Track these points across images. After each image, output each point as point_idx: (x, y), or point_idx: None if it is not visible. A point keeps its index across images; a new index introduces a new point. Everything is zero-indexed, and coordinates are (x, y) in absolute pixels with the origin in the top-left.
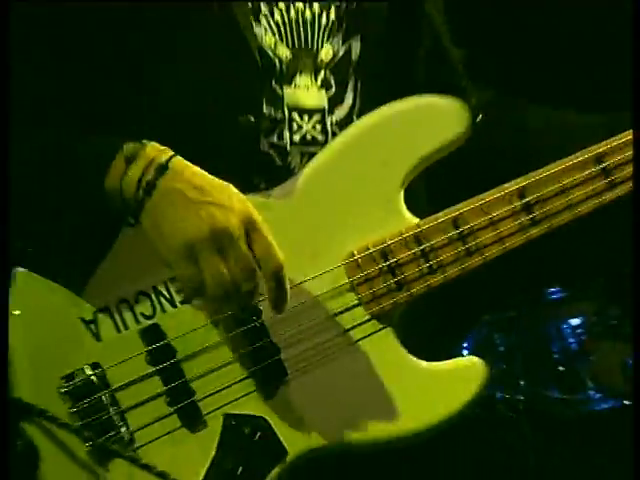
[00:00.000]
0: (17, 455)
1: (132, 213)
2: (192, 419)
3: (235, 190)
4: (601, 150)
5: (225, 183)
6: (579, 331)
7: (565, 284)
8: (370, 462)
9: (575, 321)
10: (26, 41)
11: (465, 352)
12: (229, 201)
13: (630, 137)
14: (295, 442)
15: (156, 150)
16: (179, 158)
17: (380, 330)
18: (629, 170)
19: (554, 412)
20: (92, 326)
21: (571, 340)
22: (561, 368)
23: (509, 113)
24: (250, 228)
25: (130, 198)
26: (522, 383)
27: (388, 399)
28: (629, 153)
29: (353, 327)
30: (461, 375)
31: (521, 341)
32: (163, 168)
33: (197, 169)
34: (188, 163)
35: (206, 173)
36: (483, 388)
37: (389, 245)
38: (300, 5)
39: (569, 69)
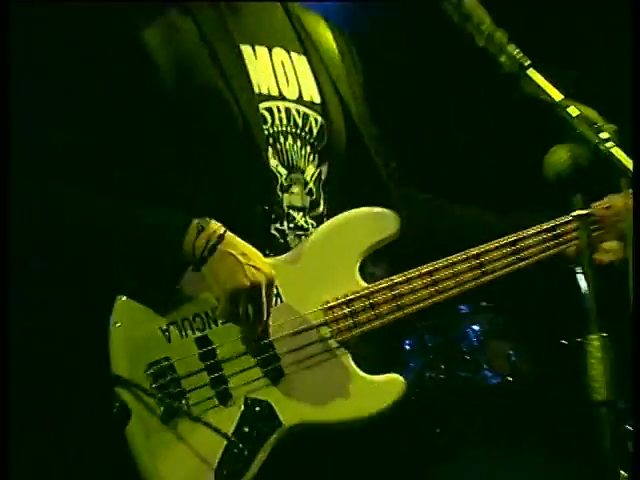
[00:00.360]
0: (114, 414)
1: (198, 264)
2: (225, 399)
3: (263, 257)
4: (477, 251)
5: (258, 252)
6: (478, 333)
7: (470, 303)
8: (335, 443)
9: (476, 327)
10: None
11: (407, 347)
12: (262, 265)
13: (500, 243)
14: (287, 417)
15: (216, 225)
16: (230, 232)
17: (343, 353)
18: (497, 264)
19: (463, 386)
20: (166, 333)
21: (473, 339)
22: (467, 357)
23: (428, 219)
24: (269, 284)
25: (198, 255)
26: (443, 367)
27: (342, 395)
28: (498, 253)
29: (326, 350)
30: (386, 386)
31: (442, 339)
32: (221, 237)
33: (241, 240)
34: (235, 236)
35: (246, 244)
36: (401, 395)
37: (350, 298)
38: (290, 142)
39: (480, 183)
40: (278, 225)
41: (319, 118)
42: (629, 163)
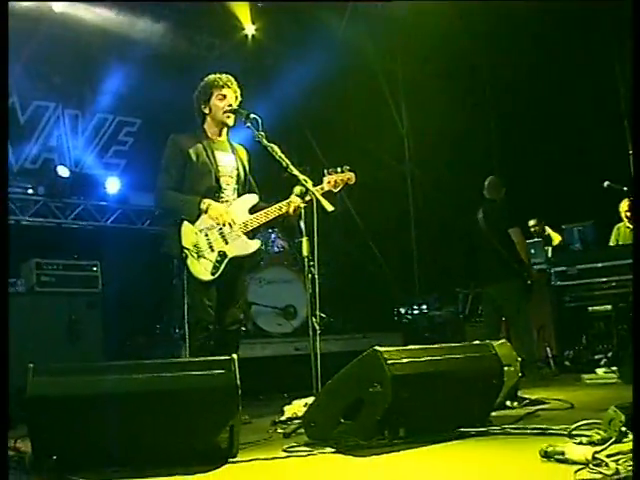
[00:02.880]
0: (184, 257)
1: (204, 212)
2: (212, 249)
3: (225, 207)
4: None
5: (224, 206)
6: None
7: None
8: None
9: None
10: None
11: (257, 238)
12: (224, 209)
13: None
14: (229, 254)
15: (207, 200)
16: (212, 202)
17: (243, 235)
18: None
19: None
20: (195, 232)
21: (275, 245)
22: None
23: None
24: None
25: (203, 210)
26: (264, 245)
27: (243, 246)
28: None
29: (239, 235)
30: (254, 242)
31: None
32: (209, 204)
33: (215, 203)
34: (213, 202)
35: (219, 205)
36: (259, 246)
37: (245, 220)
38: (227, 177)
39: None
40: (221, 200)
41: (235, 171)
42: (318, 194)
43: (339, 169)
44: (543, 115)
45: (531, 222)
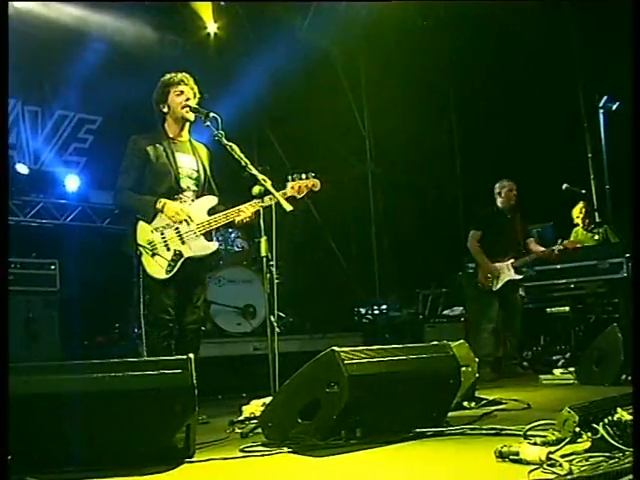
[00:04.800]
0: (139, 255)
1: (160, 212)
2: (168, 248)
3: (181, 206)
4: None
5: (180, 205)
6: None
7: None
8: None
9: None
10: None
11: (216, 239)
12: (180, 208)
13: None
14: (185, 254)
15: (163, 199)
16: (169, 201)
17: (200, 236)
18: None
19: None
20: (151, 231)
21: (239, 244)
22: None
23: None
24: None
25: (159, 209)
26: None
27: (202, 247)
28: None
29: (197, 236)
30: (212, 244)
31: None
32: (166, 203)
33: (173, 202)
34: (171, 202)
35: (175, 203)
36: (216, 249)
37: (202, 220)
38: (187, 179)
39: None
40: (181, 201)
41: (196, 173)
42: (276, 194)
43: (303, 175)
44: (504, 116)
45: None
